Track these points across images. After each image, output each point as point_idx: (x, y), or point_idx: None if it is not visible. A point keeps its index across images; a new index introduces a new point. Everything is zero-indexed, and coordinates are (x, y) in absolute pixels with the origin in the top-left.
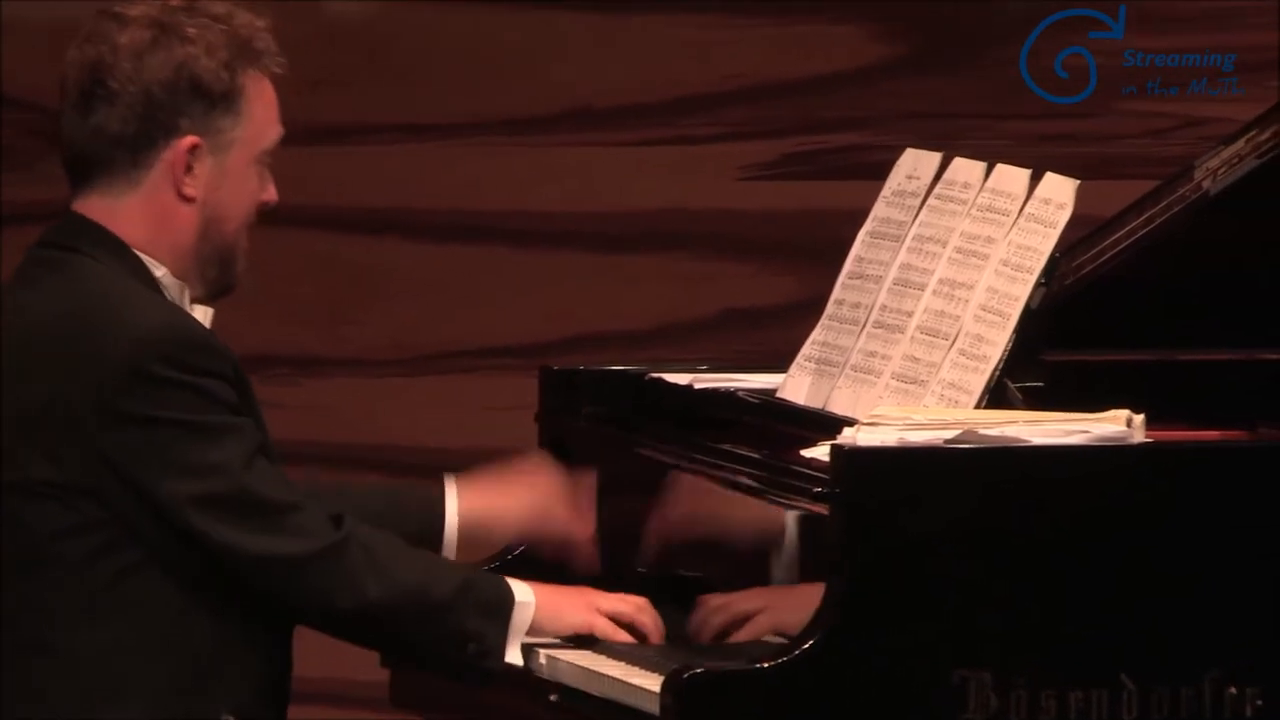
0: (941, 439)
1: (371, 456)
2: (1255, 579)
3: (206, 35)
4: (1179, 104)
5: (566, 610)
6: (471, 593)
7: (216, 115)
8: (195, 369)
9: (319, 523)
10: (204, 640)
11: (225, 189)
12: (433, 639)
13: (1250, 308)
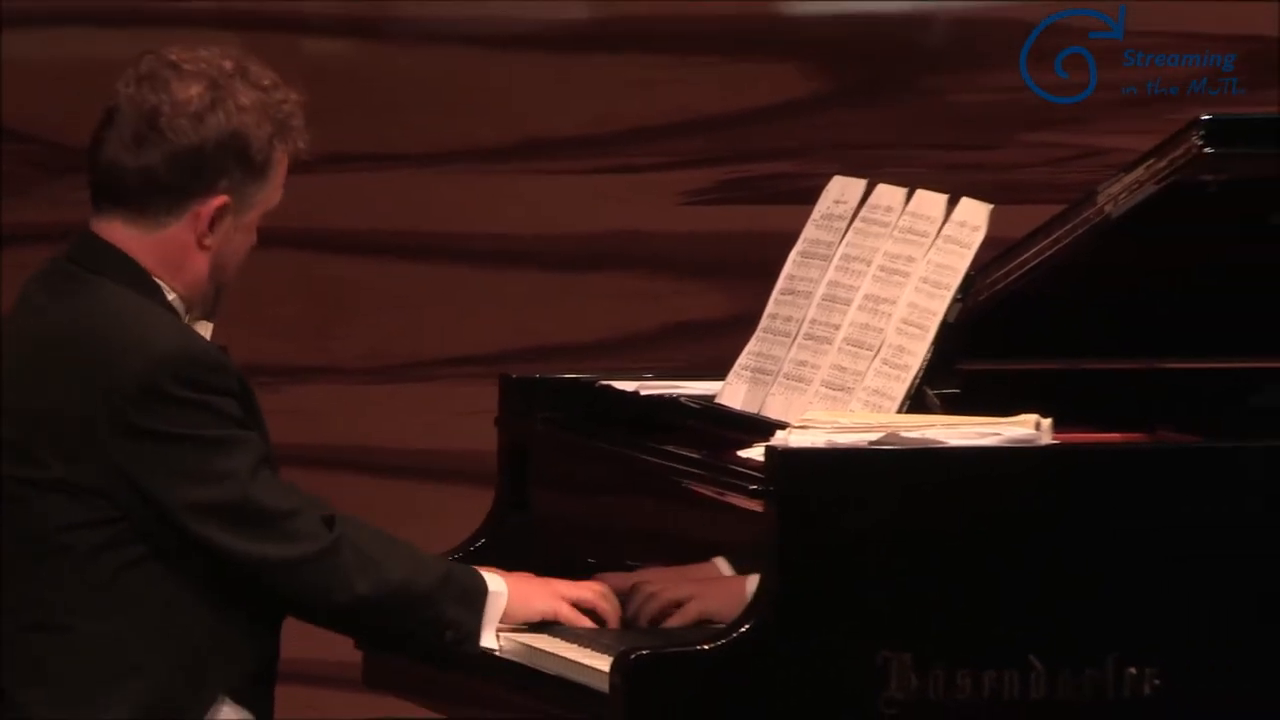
0: (866, 441)
1: (349, 456)
2: (1151, 570)
3: (257, 105)
4: (1078, 135)
5: (534, 598)
6: (450, 584)
7: (250, 181)
8: (206, 387)
9: (315, 526)
10: (201, 629)
11: (234, 241)
12: (416, 628)
13: (1148, 321)
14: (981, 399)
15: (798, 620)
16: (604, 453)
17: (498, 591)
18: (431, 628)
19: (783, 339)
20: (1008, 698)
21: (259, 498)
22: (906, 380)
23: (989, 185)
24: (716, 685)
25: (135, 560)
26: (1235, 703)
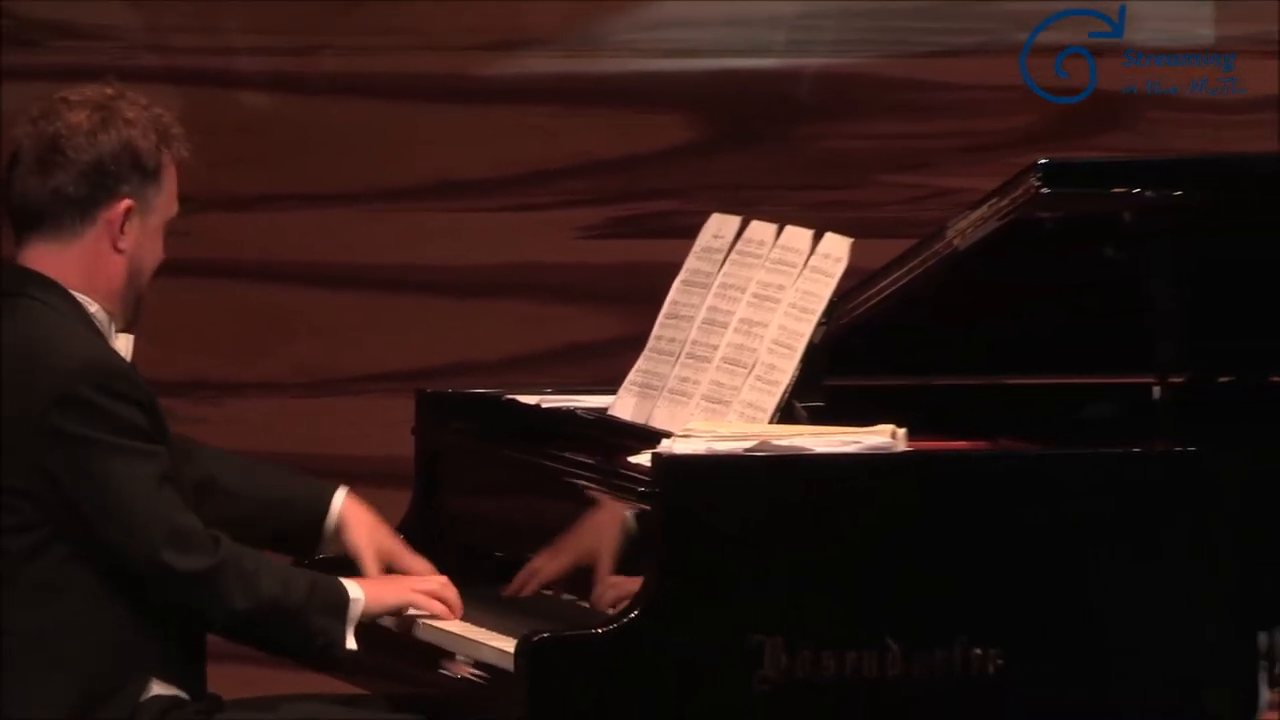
0: (742, 448)
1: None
2: (994, 562)
3: (141, 119)
4: (930, 177)
5: (387, 595)
6: (317, 595)
7: (147, 185)
8: (117, 394)
9: (207, 543)
10: (124, 619)
11: (145, 245)
12: (290, 637)
13: (992, 342)
14: (843, 411)
15: (682, 607)
16: (508, 459)
17: (356, 598)
18: (303, 636)
19: (668, 358)
20: (868, 675)
21: (161, 509)
22: (777, 394)
23: (850, 222)
24: (609, 664)
25: (61, 559)
26: (1065, 679)
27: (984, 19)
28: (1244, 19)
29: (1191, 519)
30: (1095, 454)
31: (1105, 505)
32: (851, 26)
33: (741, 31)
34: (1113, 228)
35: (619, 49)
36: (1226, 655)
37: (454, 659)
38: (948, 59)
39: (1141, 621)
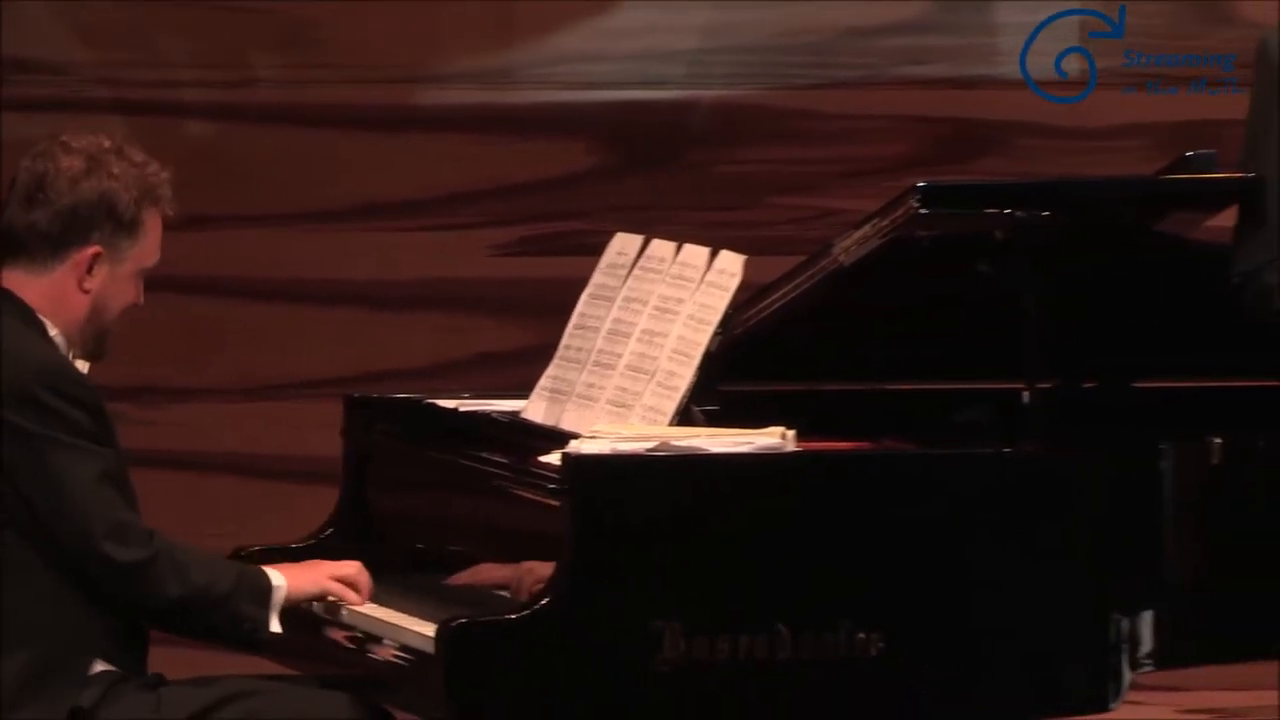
0: (644, 449)
1: (220, 461)
2: (876, 553)
3: (127, 175)
4: (817, 199)
5: (306, 583)
6: (243, 583)
7: (120, 236)
8: (68, 397)
9: (143, 537)
10: (74, 605)
11: (111, 289)
12: (218, 622)
13: (876, 350)
14: (737, 414)
15: (588, 595)
16: (429, 458)
17: (279, 585)
18: (231, 621)
19: (576, 365)
20: (759, 657)
21: (102, 505)
22: (676, 399)
23: (743, 240)
24: (521, 648)
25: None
26: (941, 660)
27: (864, 54)
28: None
29: (1056, 513)
30: (968, 454)
31: (977, 501)
32: (743, 61)
33: (642, 66)
34: (985, 245)
35: (529, 82)
36: (1088, 639)
37: (379, 642)
38: (832, 91)
39: (1010, 608)
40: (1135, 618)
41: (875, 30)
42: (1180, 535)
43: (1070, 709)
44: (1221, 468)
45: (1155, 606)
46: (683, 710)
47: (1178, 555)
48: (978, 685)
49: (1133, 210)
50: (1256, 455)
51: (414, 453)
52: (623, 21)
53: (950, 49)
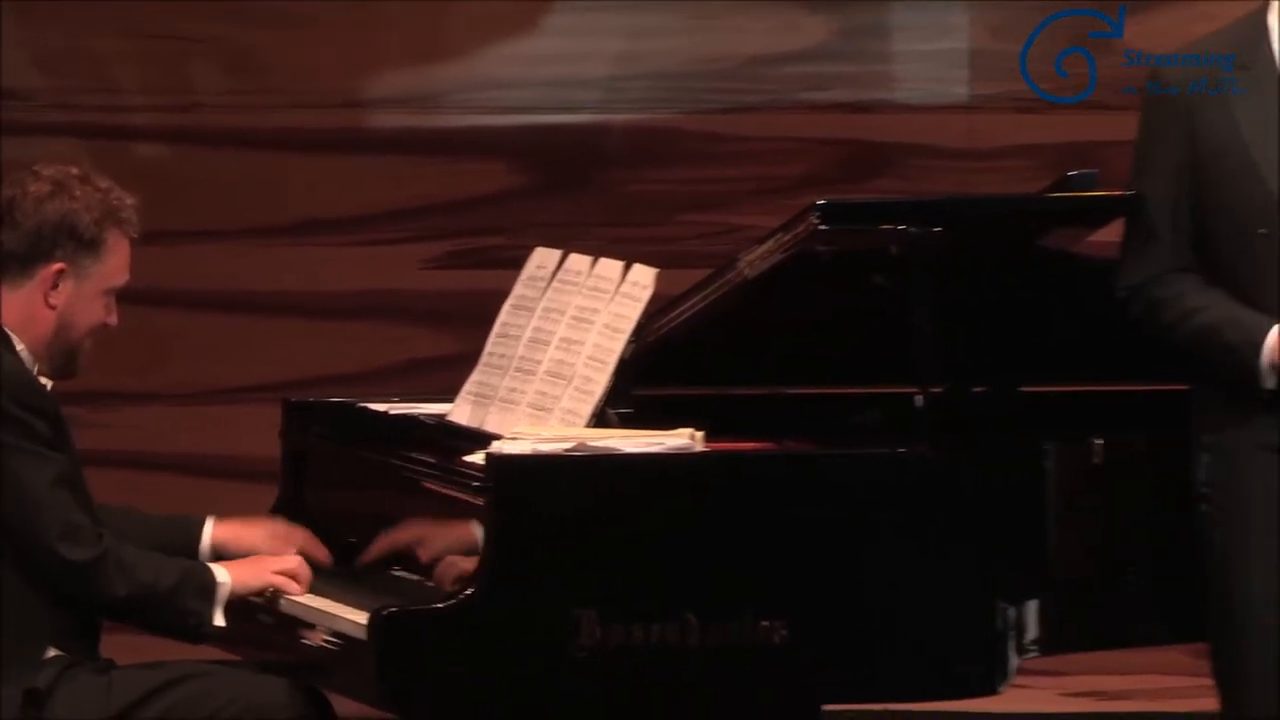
0: (562, 449)
1: (170, 461)
2: (778, 545)
3: (89, 198)
4: (724, 215)
5: (250, 578)
6: (187, 581)
7: (82, 254)
8: (29, 407)
9: (93, 538)
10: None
11: (77, 306)
12: (165, 618)
13: (779, 356)
14: (650, 417)
15: (510, 586)
16: (362, 458)
17: (223, 581)
18: (176, 616)
19: (499, 371)
20: (670, 644)
21: (56, 507)
22: (593, 402)
23: (654, 255)
24: (447, 635)
25: None
26: (839, 647)
27: (768, 81)
28: (994, 79)
29: (946, 510)
30: (864, 454)
31: (873, 498)
32: (654, 87)
33: (559, 92)
34: (881, 258)
35: (455, 107)
36: (976, 627)
37: (315, 630)
38: (738, 115)
39: (903, 598)
40: (1021, 607)
41: (779, 58)
42: (1063, 530)
43: (960, 692)
44: (1102, 467)
45: (1040, 596)
46: (599, 694)
47: (1061, 549)
48: (873, 670)
49: (1019, 225)
50: (1135, 455)
51: (347, 453)
52: (542, 50)
53: (848, 76)
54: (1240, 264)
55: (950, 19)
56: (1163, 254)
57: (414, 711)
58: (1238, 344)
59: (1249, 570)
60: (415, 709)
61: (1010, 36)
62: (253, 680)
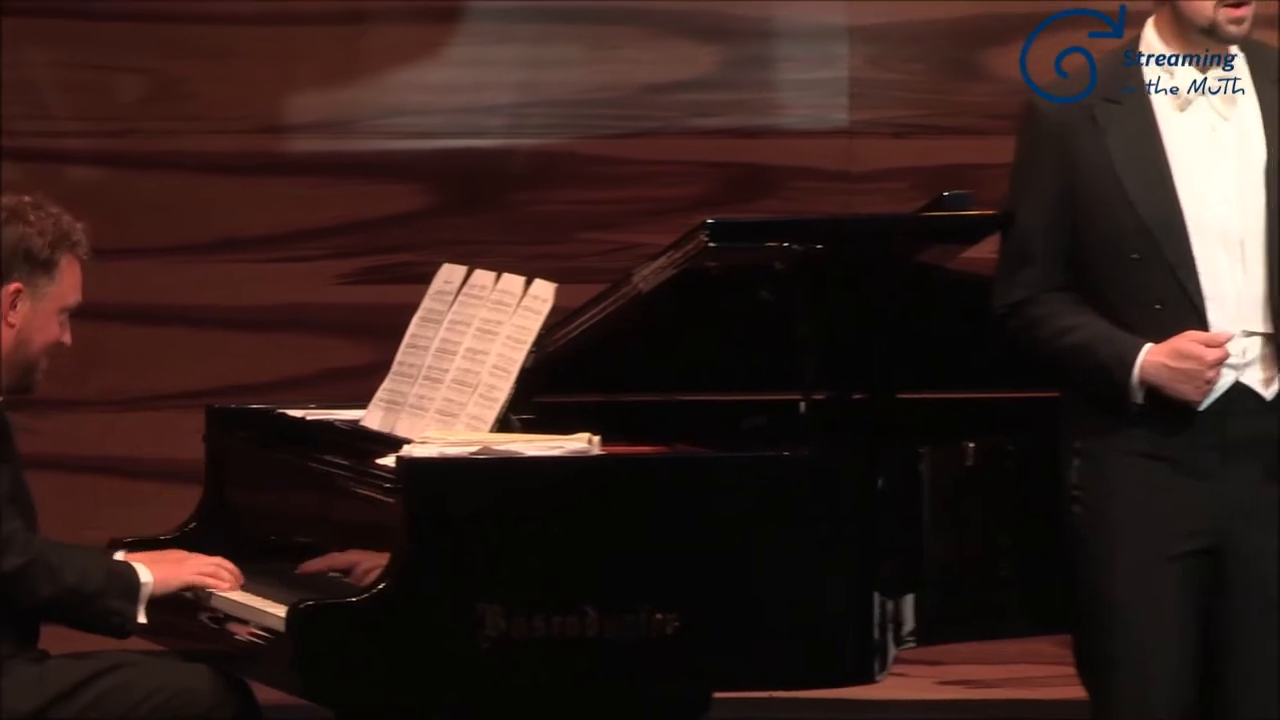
0: (468, 452)
1: (101, 464)
2: (671, 543)
3: (42, 223)
4: (620, 234)
5: (172, 577)
6: (112, 582)
7: (37, 275)
8: None
9: (21, 543)
10: None
11: (34, 324)
12: (90, 617)
13: (670, 364)
14: (550, 422)
15: (420, 581)
16: (281, 461)
17: (146, 581)
18: (101, 615)
19: (409, 379)
20: (571, 635)
21: None
22: (496, 409)
23: (554, 270)
24: (362, 627)
25: None
26: (728, 637)
27: (660, 108)
28: (871, 106)
29: (828, 509)
30: (751, 456)
31: (759, 498)
32: (555, 114)
33: (467, 118)
34: (766, 273)
35: (368, 132)
36: (857, 619)
37: (239, 623)
38: (632, 140)
39: (788, 591)
40: (899, 600)
41: (670, 87)
42: (938, 528)
43: (841, 680)
44: (974, 469)
45: (916, 591)
46: (504, 681)
47: (936, 546)
48: (760, 658)
49: (895, 243)
50: (1005, 458)
51: (267, 456)
52: (450, 79)
53: (735, 103)
54: (1112, 287)
55: (830, 50)
56: (1037, 275)
57: (331, 700)
58: (1110, 362)
59: (1115, 569)
60: (332, 697)
61: (886, 66)
62: (178, 669)
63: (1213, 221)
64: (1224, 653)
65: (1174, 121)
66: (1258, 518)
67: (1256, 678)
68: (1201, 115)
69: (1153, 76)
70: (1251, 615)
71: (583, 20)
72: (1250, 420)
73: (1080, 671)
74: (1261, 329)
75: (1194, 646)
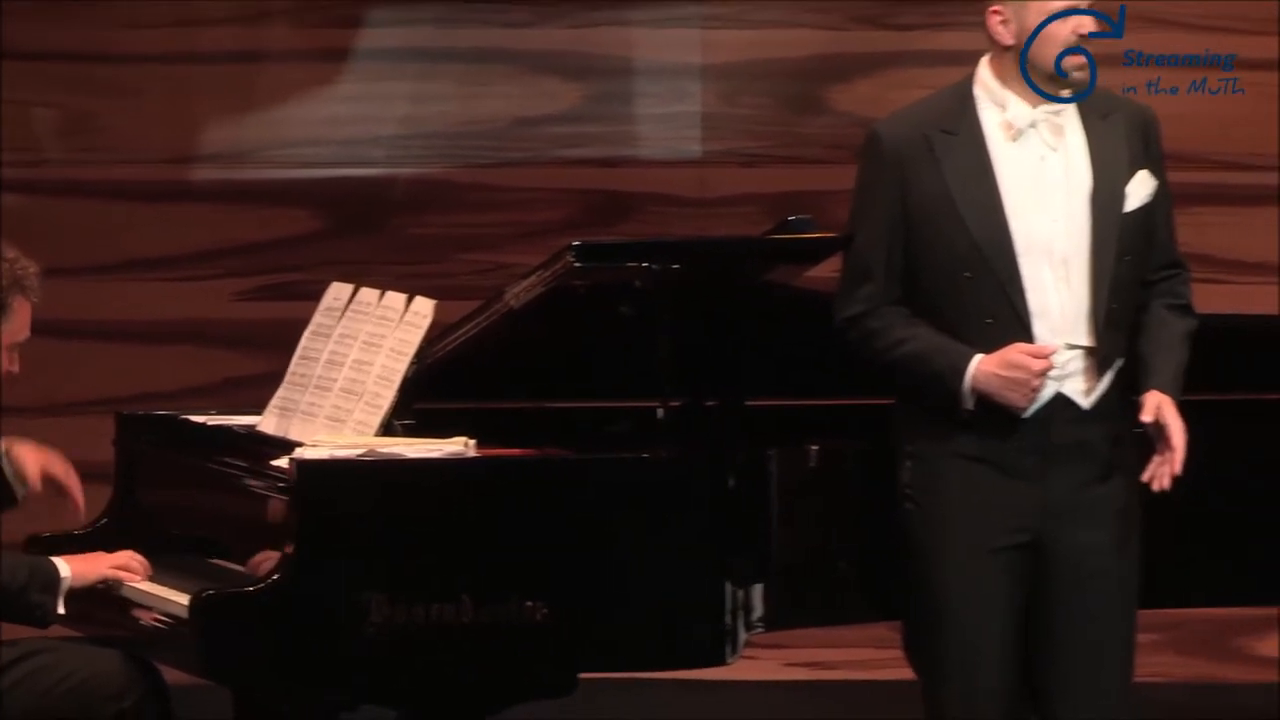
0: (355, 454)
1: None
2: (539, 537)
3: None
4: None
5: (88, 570)
6: (34, 579)
7: None
8: None
9: None
10: None
11: None
12: (14, 610)
13: (542, 374)
14: (429, 427)
15: (312, 572)
16: (184, 463)
17: (65, 576)
18: (24, 610)
19: (301, 388)
20: (449, 621)
21: None
22: (381, 415)
23: (433, 288)
24: (258, 614)
25: None
26: (591, 624)
27: (529, 139)
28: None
29: (683, 506)
30: (613, 459)
31: (620, 496)
32: (433, 145)
33: (353, 149)
34: (628, 290)
35: (263, 162)
36: (709, 607)
37: (147, 610)
38: (504, 169)
39: (646, 581)
40: (748, 590)
41: (538, 120)
42: (784, 524)
43: (696, 662)
44: (817, 469)
45: (764, 581)
46: (389, 665)
47: (782, 540)
48: (621, 643)
49: (745, 262)
50: (845, 460)
51: (172, 458)
52: (337, 113)
53: (598, 135)
54: (947, 302)
55: (685, 87)
56: (875, 290)
57: (229, 680)
58: (943, 370)
59: (945, 561)
60: (231, 678)
61: (736, 101)
62: (92, 653)
63: (1039, 243)
64: (1043, 638)
65: (1005, 151)
66: (1074, 516)
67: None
68: (1031, 146)
69: (987, 111)
70: (1067, 604)
71: (458, 60)
72: (1070, 428)
73: (908, 655)
74: (1083, 343)
75: (1016, 631)
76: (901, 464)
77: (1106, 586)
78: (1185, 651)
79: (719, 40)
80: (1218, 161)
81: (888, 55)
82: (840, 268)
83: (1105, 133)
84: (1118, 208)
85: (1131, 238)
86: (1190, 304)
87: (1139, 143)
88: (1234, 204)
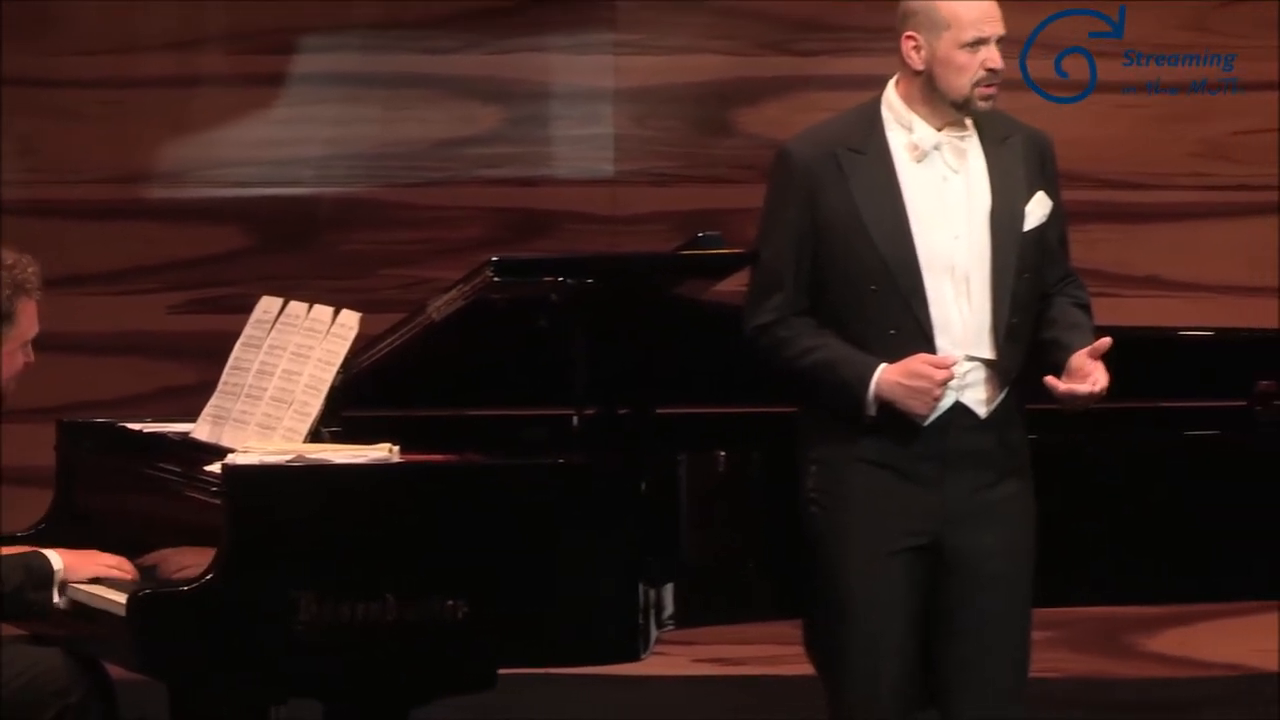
0: (284, 460)
1: None
2: (460, 539)
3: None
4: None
5: (80, 568)
6: (30, 576)
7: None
8: None
9: None
10: None
11: (2, 364)
12: (11, 608)
13: (463, 383)
14: (355, 434)
15: (242, 572)
16: (122, 468)
17: (59, 569)
18: (22, 605)
19: (233, 396)
20: (374, 619)
21: None
22: (309, 422)
23: (359, 302)
24: (190, 613)
25: None
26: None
27: (450, 160)
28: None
29: (597, 509)
30: (530, 464)
31: (537, 500)
32: (357, 166)
33: (281, 169)
34: (544, 303)
35: (197, 182)
36: (623, 605)
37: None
38: (425, 188)
39: (562, 581)
40: (660, 588)
41: (458, 142)
42: (694, 526)
43: (610, 658)
44: (725, 474)
45: (675, 580)
46: (317, 661)
47: (692, 541)
48: (537, 639)
49: (657, 277)
50: (752, 465)
51: (110, 463)
52: (267, 135)
53: (515, 156)
54: (852, 314)
55: (597, 110)
56: (784, 301)
57: (165, 675)
58: (849, 378)
59: (848, 563)
60: (166, 673)
61: (647, 124)
62: (37, 652)
63: (942, 260)
64: (942, 637)
65: (911, 171)
66: (971, 520)
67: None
68: (935, 167)
69: (894, 131)
70: (965, 604)
71: (381, 84)
72: (968, 435)
73: (809, 651)
74: (982, 355)
75: (916, 630)
76: (806, 469)
77: (1002, 587)
78: (1078, 648)
79: (631, 65)
80: (1104, 180)
81: (793, 79)
82: (749, 279)
83: (1004, 156)
84: (1017, 227)
85: (1030, 255)
86: (1089, 305)
87: (1036, 165)
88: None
